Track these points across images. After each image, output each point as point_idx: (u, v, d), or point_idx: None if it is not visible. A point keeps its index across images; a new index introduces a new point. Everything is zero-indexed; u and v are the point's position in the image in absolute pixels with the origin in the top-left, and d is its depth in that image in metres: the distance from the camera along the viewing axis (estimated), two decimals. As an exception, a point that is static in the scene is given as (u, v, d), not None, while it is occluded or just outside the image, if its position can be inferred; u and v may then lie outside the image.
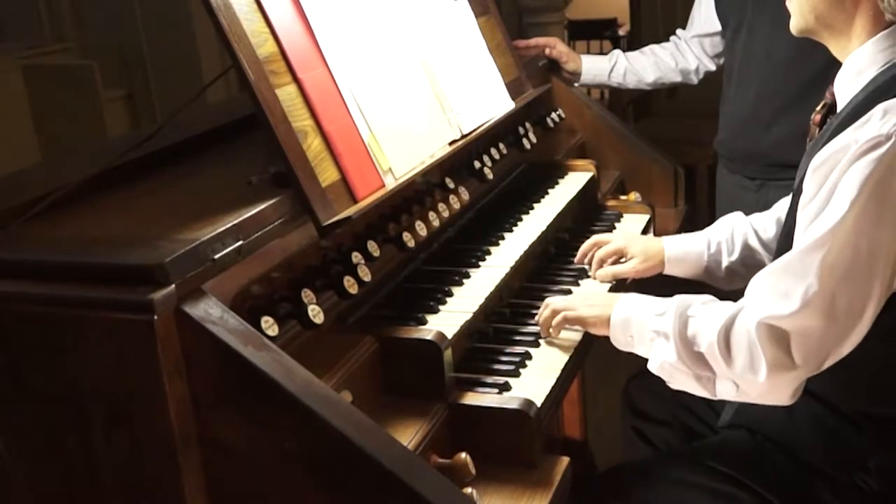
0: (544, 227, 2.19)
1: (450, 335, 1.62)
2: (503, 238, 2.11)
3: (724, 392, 1.55)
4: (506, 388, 1.63)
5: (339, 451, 1.22)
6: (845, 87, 1.60)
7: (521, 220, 2.24)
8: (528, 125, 2.55)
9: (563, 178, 2.54)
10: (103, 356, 1.25)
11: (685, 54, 2.91)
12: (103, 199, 1.62)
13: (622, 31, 7.25)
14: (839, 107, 1.61)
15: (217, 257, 1.34)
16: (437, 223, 1.97)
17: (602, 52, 4.04)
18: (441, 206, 2.00)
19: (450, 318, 1.72)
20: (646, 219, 2.47)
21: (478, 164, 2.24)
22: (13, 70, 4.90)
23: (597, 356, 1.95)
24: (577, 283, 2.06)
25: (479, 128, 2.11)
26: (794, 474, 1.67)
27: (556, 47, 2.89)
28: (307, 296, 1.51)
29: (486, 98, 2.22)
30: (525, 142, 2.50)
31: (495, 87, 2.30)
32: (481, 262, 1.98)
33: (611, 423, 2.43)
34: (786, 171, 2.24)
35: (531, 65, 2.71)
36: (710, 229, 2.07)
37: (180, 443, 1.25)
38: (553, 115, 2.71)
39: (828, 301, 1.44)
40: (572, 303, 1.79)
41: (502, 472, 1.52)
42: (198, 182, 1.71)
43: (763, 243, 1.99)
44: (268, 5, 1.61)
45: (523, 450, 1.54)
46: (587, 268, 2.11)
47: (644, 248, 2.07)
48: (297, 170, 1.51)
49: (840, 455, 1.64)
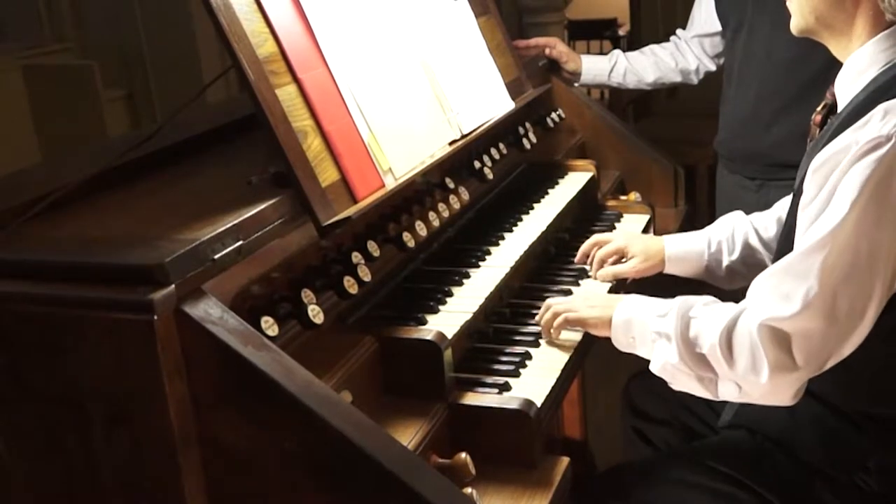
0: (544, 227, 2.19)
1: (450, 335, 1.62)
2: (503, 238, 2.11)
3: (726, 393, 1.55)
4: (506, 388, 1.63)
5: (339, 451, 1.22)
6: (846, 88, 1.59)
7: (521, 220, 2.24)
8: (528, 125, 2.55)
9: (563, 178, 2.54)
10: (103, 356, 1.25)
11: (685, 54, 2.91)
12: (103, 199, 1.62)
13: (622, 31, 7.25)
14: (840, 107, 1.61)
15: (217, 257, 1.34)
16: (437, 223, 1.97)
17: (602, 52, 4.04)
18: (441, 206, 2.00)
19: (450, 318, 1.72)
20: (646, 219, 2.46)
21: (478, 164, 2.24)
22: (13, 70, 4.90)
23: (597, 356, 1.94)
24: (577, 283, 2.06)
25: (479, 128, 2.11)
26: (794, 474, 1.67)
27: (556, 47, 2.89)
28: (307, 296, 1.51)
29: (486, 98, 2.22)
30: (525, 142, 2.50)
31: (495, 87, 2.30)
32: (481, 262, 1.98)
33: (611, 423, 2.43)
34: (786, 171, 2.24)
35: (531, 65, 2.71)
36: (710, 228, 2.07)
37: (180, 443, 1.25)
38: (553, 115, 2.71)
39: (829, 302, 1.44)
40: (573, 304, 1.79)
41: (502, 472, 1.52)
42: (198, 182, 1.71)
43: (763, 242, 1.98)
44: (268, 5, 1.60)
45: (523, 450, 1.54)
46: (587, 268, 2.11)
47: (644, 248, 2.07)
48: (297, 170, 1.51)
49: (840, 455, 1.64)
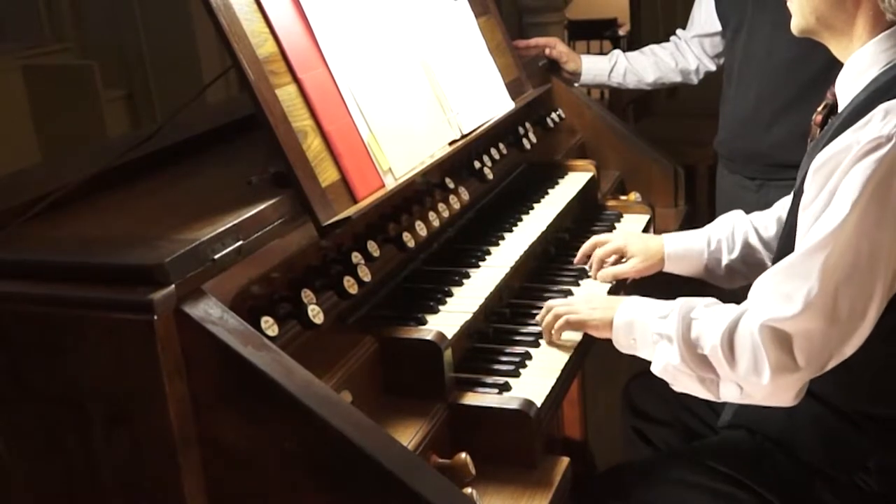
0: (544, 228, 2.19)
1: (450, 335, 1.62)
2: (503, 238, 2.11)
3: (728, 394, 1.55)
4: (506, 388, 1.63)
5: (339, 451, 1.22)
6: (846, 88, 1.59)
7: (521, 220, 2.24)
8: (528, 125, 2.55)
9: (563, 178, 2.54)
10: (103, 356, 1.25)
11: (685, 54, 2.91)
12: (103, 199, 1.61)
13: (622, 31, 7.25)
14: (840, 107, 1.61)
15: (217, 257, 1.34)
16: (437, 223, 1.97)
17: (602, 52, 4.04)
18: (441, 206, 2.00)
19: (450, 318, 1.72)
20: (646, 219, 2.46)
21: (478, 164, 2.24)
22: (13, 70, 4.90)
23: (597, 356, 1.94)
24: (577, 283, 2.06)
25: (479, 128, 2.11)
26: (794, 474, 1.67)
27: (556, 47, 2.89)
28: (307, 296, 1.51)
29: (486, 98, 2.22)
30: (525, 142, 2.50)
31: (495, 87, 2.30)
32: (481, 262, 1.98)
33: (611, 423, 2.42)
34: (786, 171, 2.24)
35: (531, 65, 2.71)
36: (710, 227, 2.07)
37: (180, 443, 1.25)
38: (553, 115, 2.71)
39: (830, 303, 1.44)
40: (574, 306, 1.79)
41: (502, 472, 1.52)
42: (198, 182, 1.71)
43: (763, 241, 1.98)
44: (268, 5, 1.60)
45: (523, 450, 1.54)
46: (587, 268, 2.11)
47: (644, 247, 2.07)
48: (297, 170, 1.51)
49: (840, 455, 1.64)
